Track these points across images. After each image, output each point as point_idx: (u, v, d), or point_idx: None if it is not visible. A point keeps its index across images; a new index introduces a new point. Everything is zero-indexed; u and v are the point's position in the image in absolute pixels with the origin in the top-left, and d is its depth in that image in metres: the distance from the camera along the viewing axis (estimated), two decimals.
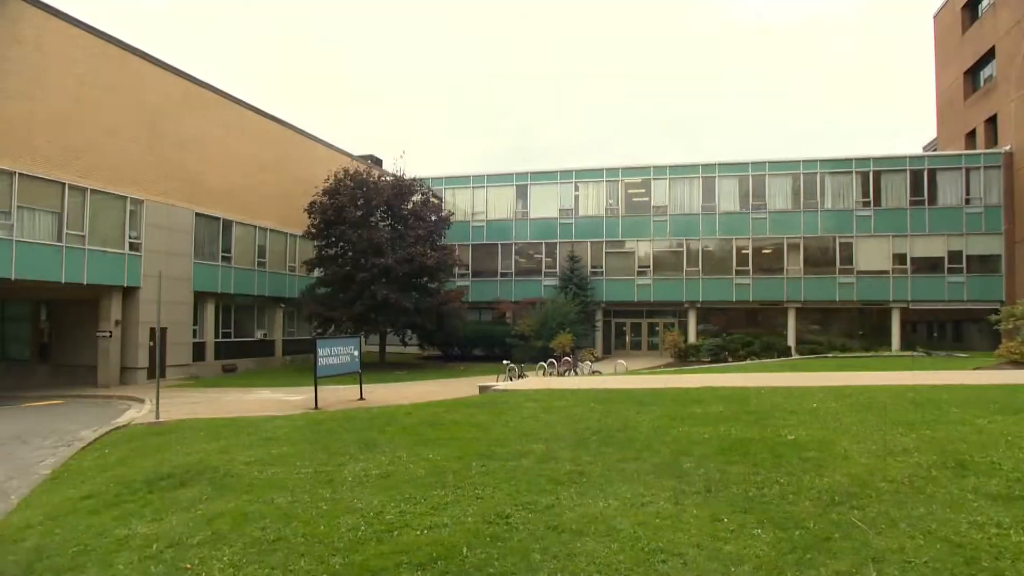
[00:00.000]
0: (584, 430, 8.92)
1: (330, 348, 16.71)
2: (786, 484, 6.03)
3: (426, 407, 12.40)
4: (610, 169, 38.69)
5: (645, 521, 5.22)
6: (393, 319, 30.13)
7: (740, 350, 33.35)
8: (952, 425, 8.28)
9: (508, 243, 39.81)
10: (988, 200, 34.93)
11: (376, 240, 29.20)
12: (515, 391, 14.06)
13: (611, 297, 38.18)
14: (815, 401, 10.65)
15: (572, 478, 6.59)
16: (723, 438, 8.01)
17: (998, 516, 4.94)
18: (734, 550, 4.54)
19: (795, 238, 36.47)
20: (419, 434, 9.40)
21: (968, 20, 40.15)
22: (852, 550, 4.43)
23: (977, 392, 11.30)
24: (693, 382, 15.09)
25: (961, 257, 34.87)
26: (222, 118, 29.46)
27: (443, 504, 6.02)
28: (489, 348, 35.97)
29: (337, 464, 7.78)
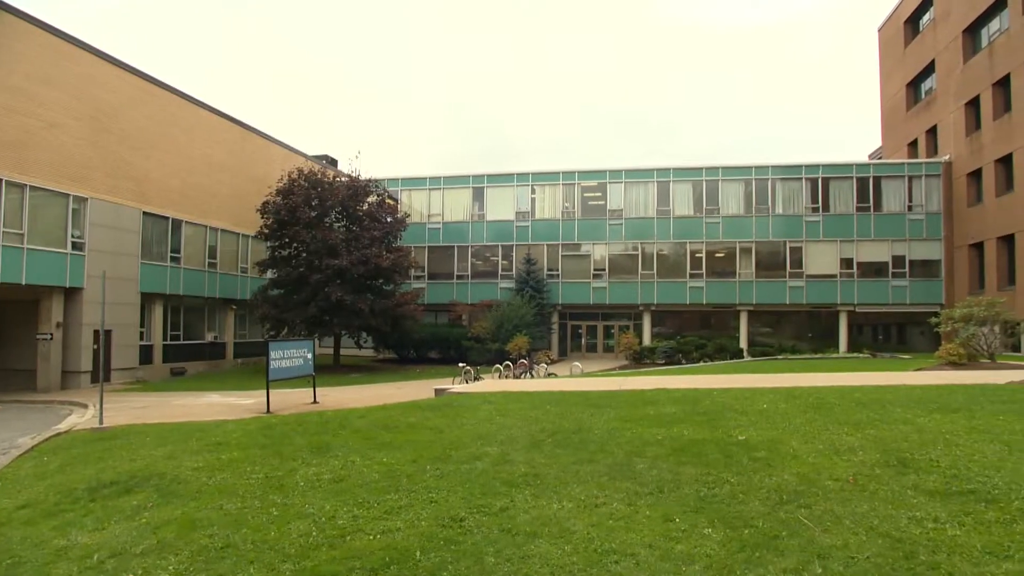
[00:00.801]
0: (539, 432, 8.94)
1: (283, 351, 16.42)
2: (736, 484, 6.13)
3: (380, 410, 12.28)
4: (566, 172, 38.95)
5: (598, 522, 5.25)
6: (348, 321, 29.78)
7: (693, 352, 33.93)
8: (895, 424, 8.54)
9: (464, 245, 39.75)
10: (929, 207, 36.27)
11: (330, 241, 28.83)
12: (471, 394, 14.01)
13: (567, 299, 38.43)
14: (765, 402, 10.87)
15: (527, 480, 6.60)
16: (676, 439, 8.12)
17: (935, 511, 5.12)
18: (685, 549, 4.60)
19: (747, 242, 37.25)
20: (373, 437, 9.30)
21: (910, 34, 41.63)
22: (799, 548, 4.53)
23: (918, 392, 11.68)
24: (647, 384, 15.25)
25: (904, 262, 36.12)
26: (175, 116, 28.72)
27: (397, 508, 5.96)
28: (445, 350, 35.87)
29: (289, 469, 7.64)
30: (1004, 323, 21.53)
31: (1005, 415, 8.93)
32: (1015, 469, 6.17)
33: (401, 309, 30.99)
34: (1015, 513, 4.99)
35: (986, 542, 4.46)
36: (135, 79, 26.61)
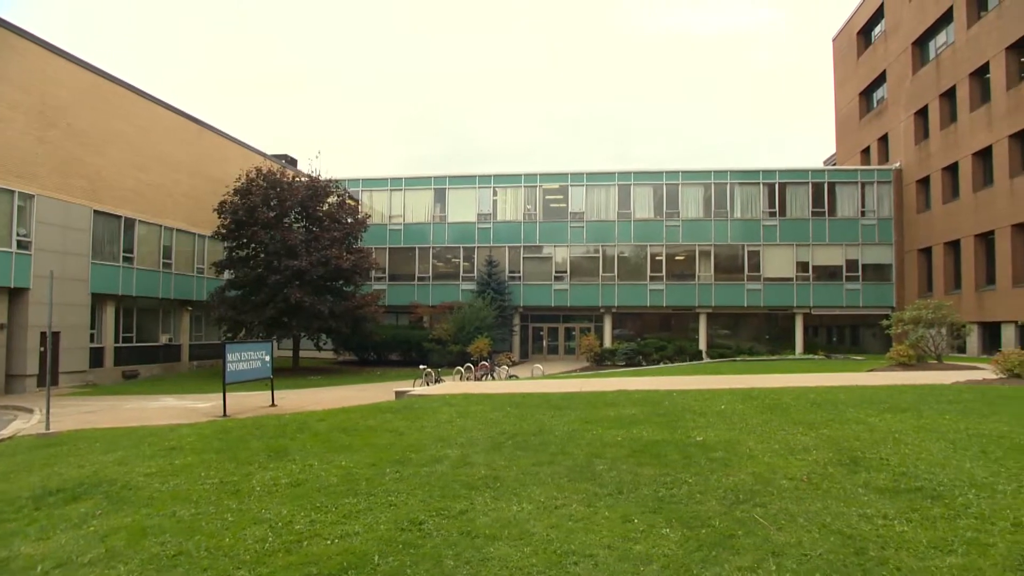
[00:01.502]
0: (499, 435, 8.93)
1: (240, 353, 16.10)
2: (694, 484, 6.21)
3: (340, 413, 12.13)
4: (528, 175, 39.07)
5: (558, 524, 5.27)
6: (307, 323, 29.41)
7: (654, 354, 34.31)
8: (847, 424, 8.75)
9: (426, 247, 39.59)
10: (881, 213, 37.32)
11: (290, 242, 28.43)
12: (431, 396, 13.94)
13: (529, 302, 38.54)
14: (723, 403, 11.04)
15: (487, 483, 6.59)
16: (635, 440, 8.19)
17: (885, 508, 5.26)
18: (643, 550, 4.64)
19: (706, 246, 37.83)
20: (332, 441, 9.19)
21: (863, 45, 42.80)
22: (754, 546, 4.61)
23: (870, 392, 11.99)
24: (608, 386, 15.37)
25: (857, 266, 37.11)
26: (129, 113, 27.98)
27: (355, 512, 5.90)
28: (406, 352, 35.67)
29: (245, 474, 7.50)
30: (951, 325, 22.23)
31: (951, 414, 9.22)
32: (959, 466, 6.38)
33: (362, 311, 30.72)
34: (959, 509, 5.16)
35: (931, 537, 4.59)
36: (86, 74, 25.86)
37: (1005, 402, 10.26)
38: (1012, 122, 28.13)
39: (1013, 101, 28.14)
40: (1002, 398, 10.75)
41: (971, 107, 31.03)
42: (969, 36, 31.09)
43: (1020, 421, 8.49)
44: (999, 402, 10.29)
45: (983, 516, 4.98)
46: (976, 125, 30.65)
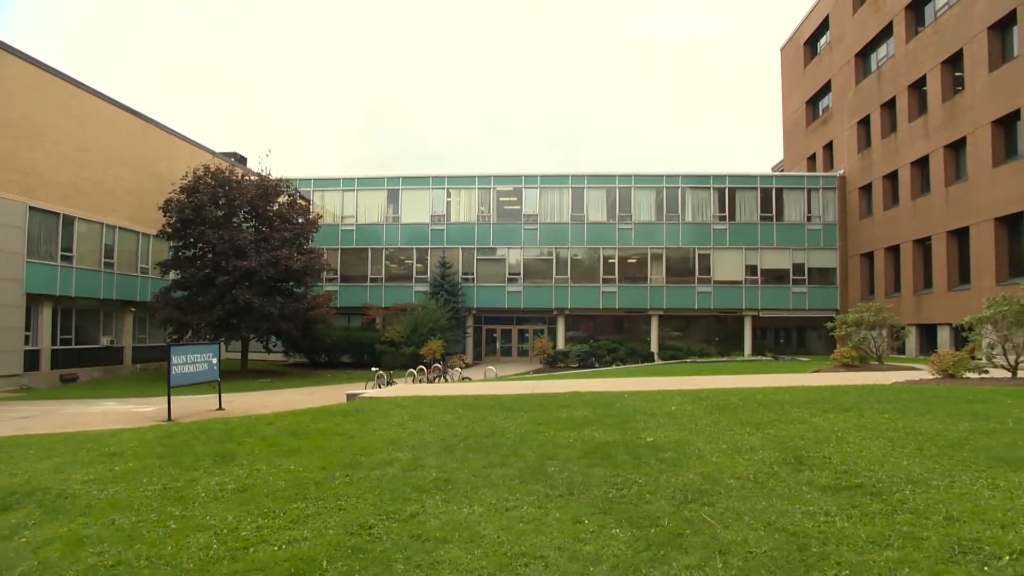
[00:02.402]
0: (451, 437, 8.90)
1: (186, 355, 15.67)
2: (644, 484, 6.28)
3: (289, 416, 11.91)
4: (482, 176, 39.05)
5: (509, 526, 5.27)
6: (256, 325, 28.82)
7: (606, 356, 34.63)
8: (792, 424, 8.97)
9: (379, 248, 39.20)
10: (826, 218, 38.43)
11: (238, 242, 27.83)
12: (383, 398, 13.81)
13: (482, 303, 38.50)
14: (674, 404, 11.20)
15: (438, 485, 6.55)
16: (587, 441, 8.25)
17: (827, 505, 5.40)
18: (593, 550, 4.67)
19: (658, 248, 38.35)
20: (281, 445, 9.01)
21: (809, 55, 44.05)
22: (702, 544, 4.68)
23: (815, 393, 12.31)
24: (560, 387, 15.45)
25: (804, 269, 38.12)
26: (68, 105, 26.97)
27: (303, 517, 5.80)
28: (358, 355, 35.23)
29: (189, 479, 7.30)
30: (891, 327, 22.96)
31: (890, 413, 9.53)
32: (896, 463, 6.60)
33: (313, 312, 30.26)
34: (896, 505, 5.34)
35: (870, 532, 4.74)
36: (21, 63, 24.83)
37: (940, 401, 10.65)
38: (947, 133, 29.30)
39: (948, 113, 29.30)
40: (937, 397, 11.16)
41: (910, 118, 32.21)
42: (908, 50, 32.28)
43: (953, 419, 8.83)
44: (934, 401, 10.68)
45: (918, 511, 5.16)
46: (914, 135, 31.82)
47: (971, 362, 15.05)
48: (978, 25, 27.17)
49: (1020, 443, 7.28)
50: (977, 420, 8.74)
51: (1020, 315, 14.66)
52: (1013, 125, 25.85)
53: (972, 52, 27.62)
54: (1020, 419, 8.69)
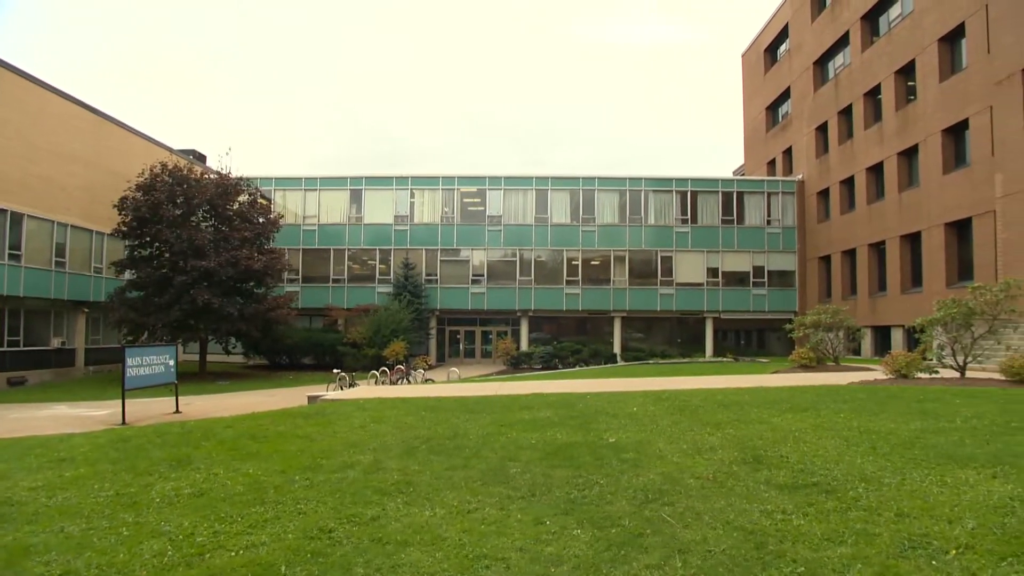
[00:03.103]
0: (414, 439, 8.84)
1: (142, 357, 15.34)
2: (605, 485, 6.32)
3: (249, 419, 11.71)
4: (446, 177, 38.93)
5: (470, 528, 5.25)
6: (215, 326, 28.30)
7: (570, 357, 34.79)
8: (751, 424, 9.12)
9: (341, 248, 38.77)
10: (785, 222, 39.18)
11: (197, 241, 27.29)
12: (345, 401, 13.67)
13: (446, 305, 38.37)
14: (635, 405, 11.29)
15: (399, 488, 6.50)
16: (549, 443, 8.27)
17: (784, 504, 5.50)
18: (555, 551, 4.69)
19: (621, 251, 38.66)
20: (239, 448, 8.85)
21: (769, 62, 44.89)
22: (662, 544, 4.73)
23: (773, 393, 12.54)
24: (523, 389, 15.47)
25: (764, 272, 38.80)
26: (17, 99, 26.09)
27: (262, 521, 5.70)
28: (320, 356, 34.81)
29: (144, 484, 7.12)
30: (847, 329, 23.52)
31: (845, 413, 9.75)
32: (851, 462, 6.75)
33: (273, 313, 29.81)
34: (850, 502, 5.46)
35: (825, 530, 4.84)
36: None
37: (893, 401, 10.93)
38: (901, 140, 30.13)
39: (901, 121, 30.13)
40: (890, 397, 11.46)
41: (865, 125, 33.04)
42: (863, 59, 33.11)
43: (905, 418, 9.07)
44: (888, 401, 10.96)
45: (871, 508, 5.29)
46: (870, 142, 32.65)
47: (922, 363, 15.49)
48: (929, 37, 28.01)
49: (967, 441, 7.51)
50: (927, 419, 8.99)
51: (968, 317, 15.14)
52: (962, 134, 26.71)
53: (923, 63, 28.46)
54: (968, 418, 8.96)
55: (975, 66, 25.38)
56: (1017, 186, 22.11)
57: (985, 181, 24.35)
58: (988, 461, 6.57)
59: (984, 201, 24.40)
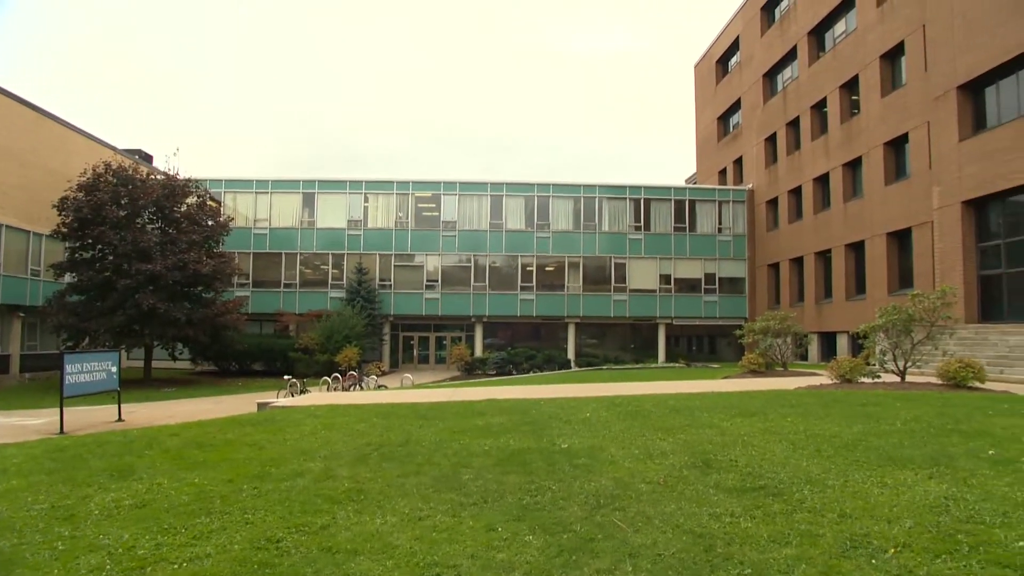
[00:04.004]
0: (365, 446, 8.73)
1: (82, 363, 14.81)
2: (557, 491, 6.33)
3: (195, 427, 11.40)
4: (400, 182, 38.69)
5: (422, 535, 5.20)
6: (161, 331, 27.48)
7: (524, 363, 34.87)
8: (702, 428, 9.25)
9: (293, 253, 38.16)
10: (735, 230, 40.04)
11: (142, 244, 26.50)
12: (296, 407, 13.42)
13: (399, 310, 38.08)
14: (588, 411, 11.35)
15: (350, 496, 6.41)
16: (502, 449, 8.26)
17: (732, 507, 5.59)
18: (506, 557, 4.67)
19: (575, 257, 38.95)
20: (185, 457, 8.60)
21: (721, 73, 45.89)
22: (612, 549, 4.75)
23: (723, 398, 12.75)
24: (477, 395, 15.43)
25: (715, 279, 39.56)
26: None
27: (207, 532, 5.54)
28: (270, 362, 34.18)
29: (82, 496, 6.85)
30: (795, 335, 24.11)
31: (792, 417, 9.97)
32: (797, 465, 6.90)
33: (222, 318, 29.13)
34: (795, 504, 5.58)
35: (771, 531, 4.93)
36: None
37: (838, 405, 11.23)
38: (845, 152, 31.10)
39: (845, 133, 31.11)
40: (835, 401, 11.77)
41: (812, 137, 34.02)
42: (810, 73, 34.11)
43: (848, 422, 9.33)
44: (833, 405, 11.25)
45: (815, 509, 5.41)
46: (816, 153, 33.61)
47: (866, 368, 15.97)
48: (871, 54, 29.02)
49: (906, 443, 7.75)
50: (869, 422, 9.26)
51: (907, 324, 15.67)
52: (902, 147, 27.72)
53: (867, 78, 29.46)
54: (907, 420, 9.26)
55: (914, 83, 26.38)
56: (952, 199, 23.03)
57: (923, 193, 25.29)
58: (925, 462, 6.80)
59: (922, 212, 25.34)
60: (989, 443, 7.63)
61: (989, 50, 21.60)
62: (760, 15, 39.36)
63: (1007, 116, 21.45)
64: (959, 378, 13.90)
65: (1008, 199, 21.72)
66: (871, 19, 29.03)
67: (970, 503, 5.39)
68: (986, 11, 21.84)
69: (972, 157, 22.31)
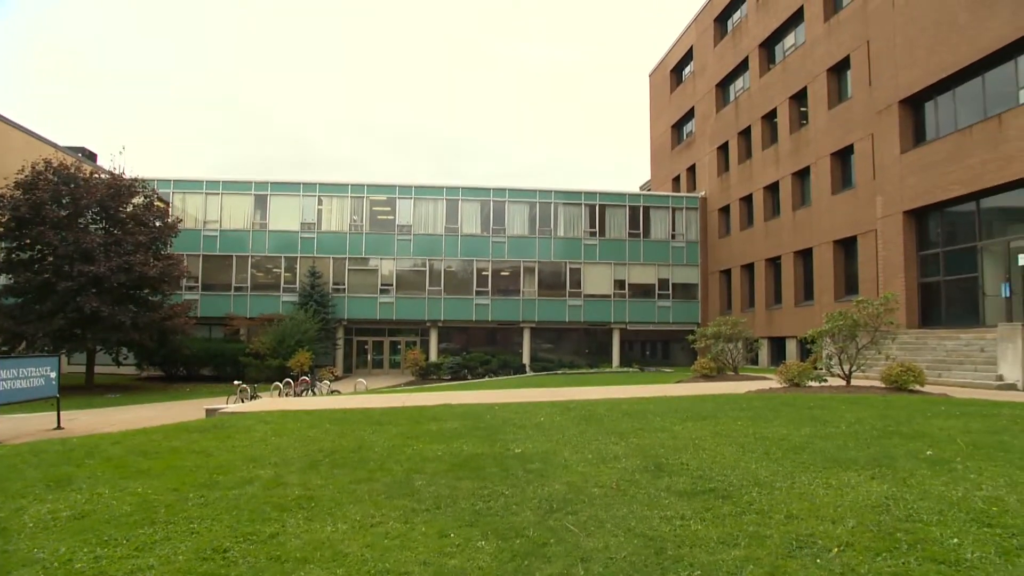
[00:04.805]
0: (317, 452, 8.59)
1: (17, 369, 14.23)
2: (510, 496, 6.32)
3: (140, 434, 11.04)
4: (355, 185, 38.29)
5: (373, 543, 5.13)
6: (105, 336, 26.61)
7: (479, 368, 34.82)
8: (654, 432, 9.34)
9: (244, 255, 37.38)
10: (689, 236, 40.72)
11: (85, 245, 25.63)
12: (246, 413, 13.13)
13: (353, 315, 37.65)
14: (543, 415, 11.37)
15: (300, 504, 6.29)
16: (456, 454, 8.21)
17: (683, 510, 5.66)
18: (459, 564, 4.64)
19: (531, 262, 39.08)
20: (128, 466, 8.33)
21: (675, 82, 46.67)
22: (565, 553, 4.76)
23: (675, 403, 12.91)
24: (432, 400, 15.34)
25: (668, 284, 40.15)
26: None
27: (150, 543, 5.36)
28: (220, 367, 33.40)
29: (15, 508, 6.56)
30: (746, 340, 24.59)
31: (742, 420, 10.15)
32: (746, 467, 7.03)
33: (170, 322, 28.35)
34: (744, 506, 5.68)
35: (721, 533, 5.00)
36: None
37: (786, 408, 11.48)
38: (794, 161, 31.92)
39: (795, 144, 31.95)
40: (784, 404, 12.03)
41: (763, 146, 34.83)
42: (761, 84, 34.94)
43: (796, 425, 9.54)
44: (781, 408, 11.50)
45: (763, 511, 5.51)
46: (767, 162, 34.42)
47: (813, 372, 16.38)
48: (819, 67, 29.88)
49: (851, 445, 7.97)
50: (816, 425, 9.49)
51: (852, 329, 16.13)
52: (848, 158, 28.59)
53: (814, 90, 30.32)
54: (852, 423, 9.52)
55: (859, 96, 27.24)
56: (894, 208, 23.83)
57: (868, 202, 26.11)
58: (868, 463, 6.99)
59: (867, 221, 26.16)
60: (927, 444, 7.89)
61: (927, 67, 22.46)
62: (713, 26, 40.17)
63: (945, 130, 22.31)
64: (901, 381, 14.36)
65: (946, 209, 22.59)
66: (819, 33, 29.90)
67: (909, 502, 5.56)
68: (923, 31, 22.72)
69: (913, 169, 23.14)
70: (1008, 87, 20.12)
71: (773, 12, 33.62)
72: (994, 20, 19.89)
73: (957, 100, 22.02)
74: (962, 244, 21.97)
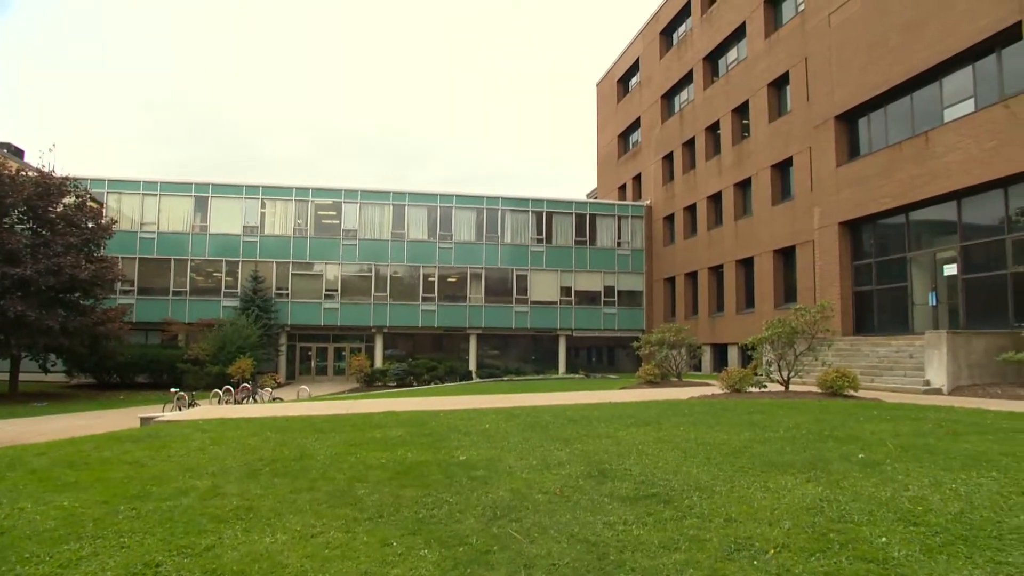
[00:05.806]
0: (257, 461, 8.37)
1: None
2: (454, 503, 6.27)
3: (67, 444, 10.57)
4: (300, 188, 37.65)
5: (314, 553, 5.02)
6: (31, 341, 25.42)
7: (425, 374, 34.56)
8: (598, 439, 9.41)
9: (183, 259, 36.30)
10: (634, 244, 41.32)
11: (10, 245, 24.47)
12: (183, 422, 12.72)
13: (297, 320, 36.94)
14: (488, 422, 11.34)
15: (238, 514, 6.11)
16: (399, 462, 8.12)
17: (625, 515, 5.71)
18: (401, 573, 4.57)
19: (478, 268, 39.05)
20: (53, 478, 7.95)
21: (622, 92, 47.39)
22: (508, 560, 4.74)
23: (620, 409, 13.06)
24: (376, 407, 15.14)
25: (614, 292, 40.64)
26: None
27: (76, 559, 5.12)
28: (157, 374, 32.35)
29: None
30: (689, 347, 25.08)
31: (685, 426, 10.32)
32: (688, 472, 7.14)
33: (103, 327, 27.25)
34: (685, 510, 5.76)
35: (662, 538, 5.06)
36: None
37: (727, 413, 11.73)
38: (736, 172, 32.77)
39: (737, 155, 32.80)
40: (725, 410, 12.29)
41: (706, 157, 35.65)
42: (705, 96, 35.78)
43: (736, 430, 9.75)
44: (723, 413, 11.74)
45: (703, 515, 5.60)
46: (710, 172, 35.23)
47: (754, 378, 16.79)
48: (760, 81, 30.79)
49: (788, 449, 8.18)
50: (755, 430, 9.72)
51: (791, 336, 16.62)
52: (787, 170, 29.50)
53: (756, 104, 31.21)
54: (789, 427, 9.78)
55: (797, 110, 28.17)
56: (830, 219, 24.67)
57: (806, 213, 26.97)
58: (804, 467, 7.19)
59: (805, 231, 27.01)
60: (859, 447, 8.17)
61: (859, 86, 23.39)
62: (659, 39, 40.99)
63: (877, 145, 23.24)
64: (836, 387, 14.85)
65: (879, 221, 23.50)
66: (760, 49, 30.81)
67: (842, 504, 5.74)
68: (855, 51, 23.66)
69: (848, 181, 24.01)
70: (934, 106, 21.10)
71: (717, 27, 34.50)
72: (921, 43, 20.85)
73: (888, 117, 22.97)
74: (893, 255, 22.89)
